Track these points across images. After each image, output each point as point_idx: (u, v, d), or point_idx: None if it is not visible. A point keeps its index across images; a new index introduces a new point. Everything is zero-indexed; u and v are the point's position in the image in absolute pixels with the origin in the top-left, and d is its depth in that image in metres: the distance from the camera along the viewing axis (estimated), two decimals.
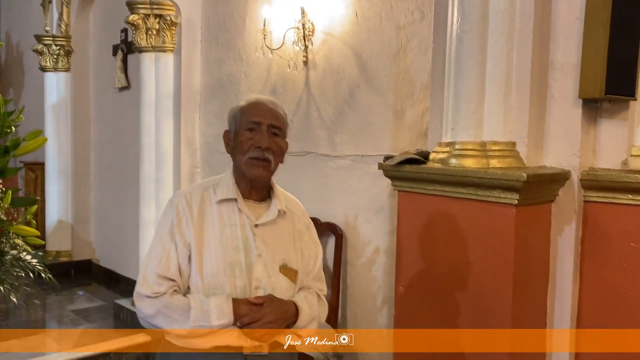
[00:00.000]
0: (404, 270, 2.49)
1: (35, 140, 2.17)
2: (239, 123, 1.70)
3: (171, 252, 1.64)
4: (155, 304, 1.61)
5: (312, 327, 1.73)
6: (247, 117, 1.68)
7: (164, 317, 1.60)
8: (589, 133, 2.30)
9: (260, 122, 1.67)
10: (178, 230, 1.65)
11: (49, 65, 5.53)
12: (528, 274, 2.20)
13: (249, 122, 1.67)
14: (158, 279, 1.62)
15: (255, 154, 1.65)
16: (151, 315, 1.62)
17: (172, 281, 1.63)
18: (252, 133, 1.66)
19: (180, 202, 1.69)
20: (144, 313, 1.63)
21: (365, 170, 3.13)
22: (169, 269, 1.63)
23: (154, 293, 1.61)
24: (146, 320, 1.65)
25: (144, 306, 1.63)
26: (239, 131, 1.69)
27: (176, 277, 1.64)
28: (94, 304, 4.90)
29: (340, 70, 3.28)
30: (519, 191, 2.05)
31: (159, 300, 1.61)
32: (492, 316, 2.16)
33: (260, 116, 1.68)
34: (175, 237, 1.65)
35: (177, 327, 1.59)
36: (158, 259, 1.64)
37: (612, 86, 2.15)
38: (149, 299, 1.62)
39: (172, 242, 1.65)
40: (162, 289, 1.61)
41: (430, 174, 2.33)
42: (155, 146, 4.31)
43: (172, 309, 1.60)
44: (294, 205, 1.83)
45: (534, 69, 2.28)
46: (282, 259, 1.70)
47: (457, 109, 2.30)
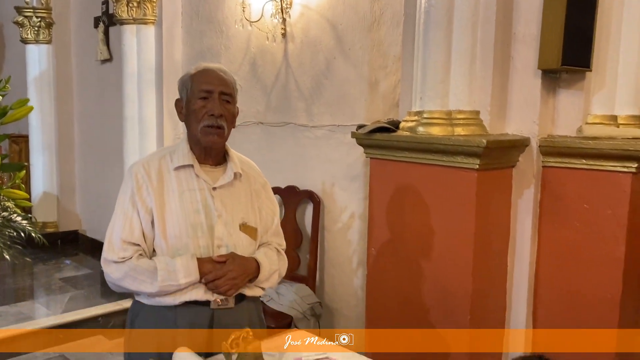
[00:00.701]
0: (376, 233, 2.64)
1: (22, 108, 2.25)
2: (191, 92, 1.75)
3: (134, 218, 1.71)
4: (122, 268, 1.68)
5: (273, 280, 1.85)
6: (198, 86, 1.74)
7: (132, 280, 1.68)
8: (548, 102, 2.44)
9: (211, 91, 1.73)
10: (139, 198, 1.72)
11: (30, 37, 5.52)
12: (489, 234, 2.36)
13: (200, 91, 1.73)
14: (123, 245, 1.68)
15: (209, 122, 1.72)
16: (119, 279, 1.69)
17: (136, 246, 1.70)
18: (204, 101, 1.73)
19: (138, 170, 1.75)
20: (112, 277, 1.71)
21: (341, 139, 3.25)
22: (133, 234, 1.70)
23: (120, 258, 1.68)
24: (115, 284, 1.72)
25: (111, 271, 1.70)
26: (191, 100, 1.75)
27: (140, 241, 1.71)
28: (81, 272, 5.02)
29: (317, 42, 3.37)
30: (480, 156, 2.19)
31: (125, 265, 1.67)
32: (455, 272, 2.32)
33: (211, 84, 1.74)
34: (137, 204, 1.71)
35: (145, 288, 1.68)
36: (121, 225, 1.70)
37: (568, 57, 2.28)
38: (115, 264, 1.68)
39: (134, 209, 1.71)
40: (128, 254, 1.68)
41: (399, 141, 2.46)
42: (139, 118, 4.38)
43: (139, 271, 1.67)
44: (249, 167, 1.91)
45: (498, 41, 2.40)
46: (241, 218, 1.80)
47: (425, 79, 2.42)
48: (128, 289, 1.71)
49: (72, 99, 5.83)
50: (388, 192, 2.56)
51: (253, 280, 1.79)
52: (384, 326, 2.59)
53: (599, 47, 2.39)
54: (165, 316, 1.71)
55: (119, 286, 1.72)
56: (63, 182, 5.87)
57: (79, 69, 5.70)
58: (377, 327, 2.63)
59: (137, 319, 1.78)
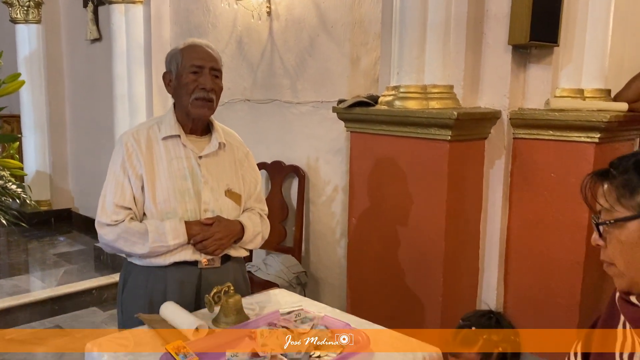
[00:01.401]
0: (356, 202, 2.77)
1: (14, 82, 2.35)
2: (182, 66, 1.86)
3: (125, 184, 1.82)
4: (115, 230, 1.80)
5: (256, 241, 1.98)
6: (189, 61, 1.85)
7: (124, 241, 1.80)
8: (518, 77, 2.56)
9: (202, 66, 1.85)
10: (129, 165, 1.83)
11: (20, 17, 5.56)
12: (461, 202, 2.50)
13: (192, 66, 1.84)
14: (115, 208, 1.81)
15: (200, 94, 1.84)
16: (113, 240, 1.81)
17: (128, 209, 1.82)
18: (196, 75, 1.84)
19: (128, 139, 1.87)
20: (105, 239, 1.83)
21: (325, 115, 3.36)
22: (125, 198, 1.82)
23: (113, 221, 1.80)
24: (108, 245, 1.85)
25: (105, 233, 1.82)
26: (182, 73, 1.85)
27: (132, 205, 1.83)
28: (74, 248, 5.14)
29: (301, 20, 3.46)
30: (451, 128, 2.32)
31: (118, 227, 1.80)
32: (429, 237, 2.46)
33: (202, 60, 1.85)
34: (128, 171, 1.83)
35: (137, 249, 1.80)
36: (114, 191, 1.82)
37: (536, 33, 2.39)
38: (109, 227, 1.81)
39: (125, 175, 1.83)
40: (120, 217, 1.81)
41: (377, 115, 2.58)
42: (129, 95, 4.46)
43: (131, 233, 1.80)
44: (232, 137, 2.03)
45: (470, 19, 2.51)
46: (226, 184, 1.92)
47: (401, 55, 2.53)
48: (121, 249, 1.83)
49: (62, 78, 5.89)
50: (367, 163, 2.69)
51: (238, 241, 1.92)
52: (365, 290, 2.74)
53: (567, 23, 2.50)
54: (156, 276, 1.84)
55: (112, 247, 1.84)
56: (55, 161, 5.96)
57: (68, 48, 5.76)
58: (358, 291, 2.78)
59: (130, 279, 1.90)
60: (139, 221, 1.84)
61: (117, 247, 1.83)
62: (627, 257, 1.00)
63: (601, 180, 1.06)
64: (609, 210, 1.03)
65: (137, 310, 1.76)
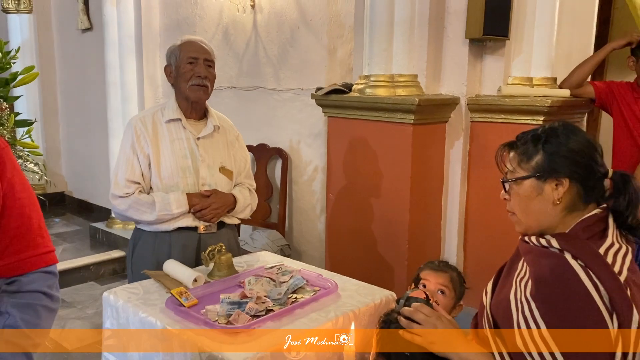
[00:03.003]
0: (333, 180, 3.09)
1: (30, 74, 2.61)
2: (180, 58, 2.16)
3: (134, 162, 2.14)
4: (127, 201, 2.12)
5: (246, 212, 2.30)
6: (186, 54, 2.16)
7: (135, 210, 2.12)
8: (475, 67, 2.88)
9: (197, 57, 2.16)
10: (138, 145, 2.15)
11: (11, 7, 5.74)
12: (425, 178, 2.82)
13: (188, 58, 2.15)
14: (127, 183, 2.12)
15: (196, 81, 2.15)
16: (125, 210, 2.12)
17: (137, 184, 2.14)
18: (192, 65, 2.15)
19: (137, 123, 2.18)
20: (118, 209, 2.15)
21: (306, 101, 3.65)
22: (134, 174, 2.13)
23: (125, 194, 2.12)
24: (121, 214, 2.16)
25: (118, 203, 2.14)
26: (180, 65, 2.16)
27: (140, 180, 2.14)
28: (70, 228, 5.40)
29: (283, 13, 3.74)
30: (414, 113, 2.64)
31: (129, 199, 2.11)
32: (396, 208, 2.79)
33: (197, 52, 2.16)
34: (137, 150, 2.14)
35: (145, 217, 2.11)
36: (125, 167, 2.14)
37: (489, 28, 2.71)
38: (121, 199, 2.12)
39: (134, 154, 2.14)
40: (131, 190, 2.12)
41: (350, 101, 2.88)
42: (120, 83, 4.70)
43: (140, 204, 2.11)
44: (225, 122, 2.35)
45: (432, 15, 2.82)
46: (220, 162, 2.24)
47: (372, 48, 2.83)
48: (132, 218, 2.14)
49: (54, 67, 6.09)
50: (343, 145, 3.00)
51: (231, 211, 2.25)
52: (341, 257, 3.07)
53: (518, 19, 2.82)
54: (162, 240, 2.16)
55: (124, 216, 2.16)
56: (49, 147, 6.16)
57: (60, 37, 5.96)
58: (336, 257, 3.11)
59: (139, 243, 2.22)
60: (147, 194, 2.15)
61: (128, 216, 2.14)
62: (523, 207, 1.33)
63: (509, 149, 1.38)
64: (512, 171, 1.35)
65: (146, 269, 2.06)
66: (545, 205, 1.28)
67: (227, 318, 1.57)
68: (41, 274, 1.13)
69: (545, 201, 1.28)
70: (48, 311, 1.13)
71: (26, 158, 2.76)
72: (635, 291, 1.15)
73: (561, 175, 1.27)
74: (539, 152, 1.31)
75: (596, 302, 1.11)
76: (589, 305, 1.11)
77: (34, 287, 1.11)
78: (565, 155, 1.28)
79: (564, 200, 1.27)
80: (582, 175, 1.27)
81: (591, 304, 1.11)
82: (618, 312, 1.10)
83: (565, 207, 1.27)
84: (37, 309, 1.10)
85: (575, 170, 1.27)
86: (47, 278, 1.14)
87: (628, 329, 1.10)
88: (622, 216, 1.26)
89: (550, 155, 1.29)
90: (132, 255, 2.23)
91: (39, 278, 1.12)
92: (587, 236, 1.22)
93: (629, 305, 1.11)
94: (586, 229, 1.23)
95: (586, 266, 1.15)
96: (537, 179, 1.29)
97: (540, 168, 1.29)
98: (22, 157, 2.71)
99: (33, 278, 1.12)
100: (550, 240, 1.24)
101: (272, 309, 1.65)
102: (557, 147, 1.29)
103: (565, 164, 1.27)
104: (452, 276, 1.69)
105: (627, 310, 1.10)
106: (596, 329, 1.10)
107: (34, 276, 1.12)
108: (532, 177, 1.30)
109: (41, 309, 1.11)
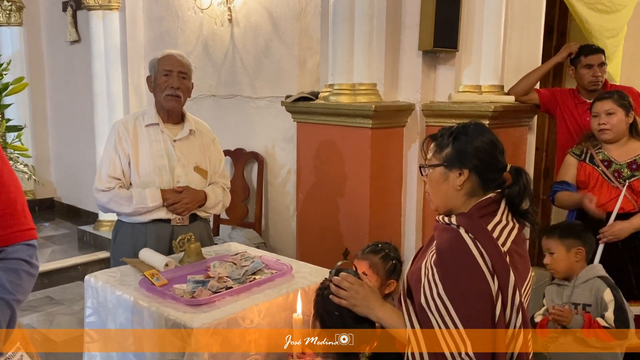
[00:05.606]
0: (303, 180, 3.34)
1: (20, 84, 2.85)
2: (157, 71, 2.43)
3: (116, 161, 2.40)
4: (108, 195, 2.38)
5: (218, 208, 2.55)
6: (163, 66, 2.42)
7: (115, 203, 2.38)
8: (429, 76, 3.15)
9: (172, 70, 2.41)
10: (120, 146, 2.41)
11: (3, 20, 5.96)
12: (383, 177, 3.08)
13: (164, 70, 2.41)
14: (109, 178, 2.39)
15: (170, 92, 2.40)
16: (106, 202, 2.39)
17: (118, 180, 2.40)
18: (167, 77, 2.40)
19: (119, 126, 2.45)
20: (100, 201, 2.41)
21: (279, 108, 3.88)
22: (116, 171, 2.39)
23: (106, 188, 2.38)
24: (103, 206, 2.43)
25: (100, 196, 2.40)
26: (157, 76, 2.42)
27: (121, 177, 2.40)
28: (59, 232, 5.61)
29: (258, 27, 4.01)
30: (372, 118, 2.90)
31: (110, 193, 2.38)
32: (358, 206, 3.04)
33: (172, 65, 2.42)
34: (119, 150, 2.40)
35: (124, 209, 2.38)
36: (108, 165, 2.40)
37: (439, 41, 2.98)
38: (103, 192, 2.39)
39: (117, 154, 2.40)
40: (112, 185, 2.39)
41: (316, 108, 3.15)
42: (107, 93, 4.95)
43: (120, 197, 2.37)
44: (202, 126, 2.61)
45: (389, 29, 3.09)
46: (195, 162, 2.49)
47: (335, 58, 3.10)
48: (112, 209, 2.40)
49: (44, 77, 6.32)
50: (311, 148, 3.26)
51: (202, 206, 2.49)
52: (312, 251, 3.31)
53: (467, 32, 3.09)
54: (139, 231, 2.41)
55: (105, 208, 2.42)
56: (38, 154, 6.36)
57: (49, 49, 6.19)
58: (306, 252, 3.35)
59: (119, 233, 2.48)
60: (126, 189, 2.41)
61: (109, 208, 2.40)
62: (434, 190, 1.59)
63: (431, 141, 1.65)
64: (429, 159, 1.62)
65: (125, 257, 2.31)
66: (450, 190, 1.55)
67: (191, 294, 1.82)
68: (24, 245, 1.38)
69: (450, 186, 1.55)
70: (28, 275, 1.37)
71: (16, 160, 2.99)
72: (517, 259, 1.42)
73: (463, 167, 1.54)
74: (449, 145, 1.57)
75: (481, 266, 1.37)
76: (475, 269, 1.37)
77: (18, 255, 1.36)
78: (468, 151, 1.54)
79: (465, 187, 1.53)
80: (482, 168, 1.54)
81: (477, 268, 1.37)
82: (498, 274, 1.37)
83: (466, 193, 1.54)
84: (19, 273, 1.35)
85: (475, 164, 1.53)
86: (28, 249, 1.39)
87: (506, 287, 1.37)
88: (514, 202, 1.53)
89: (457, 149, 1.56)
90: (113, 244, 2.48)
91: (21, 249, 1.37)
92: (480, 215, 1.49)
93: (507, 269, 1.38)
94: (481, 209, 1.50)
95: (475, 238, 1.41)
96: (445, 168, 1.56)
97: (448, 159, 1.56)
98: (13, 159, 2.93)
99: (17, 249, 1.36)
100: (452, 218, 1.50)
101: (231, 287, 1.90)
102: (464, 144, 1.56)
103: (468, 158, 1.54)
104: (372, 262, 1.98)
105: (505, 273, 1.37)
106: (480, 287, 1.36)
107: (18, 247, 1.36)
108: (441, 165, 1.56)
109: (23, 273, 1.35)
